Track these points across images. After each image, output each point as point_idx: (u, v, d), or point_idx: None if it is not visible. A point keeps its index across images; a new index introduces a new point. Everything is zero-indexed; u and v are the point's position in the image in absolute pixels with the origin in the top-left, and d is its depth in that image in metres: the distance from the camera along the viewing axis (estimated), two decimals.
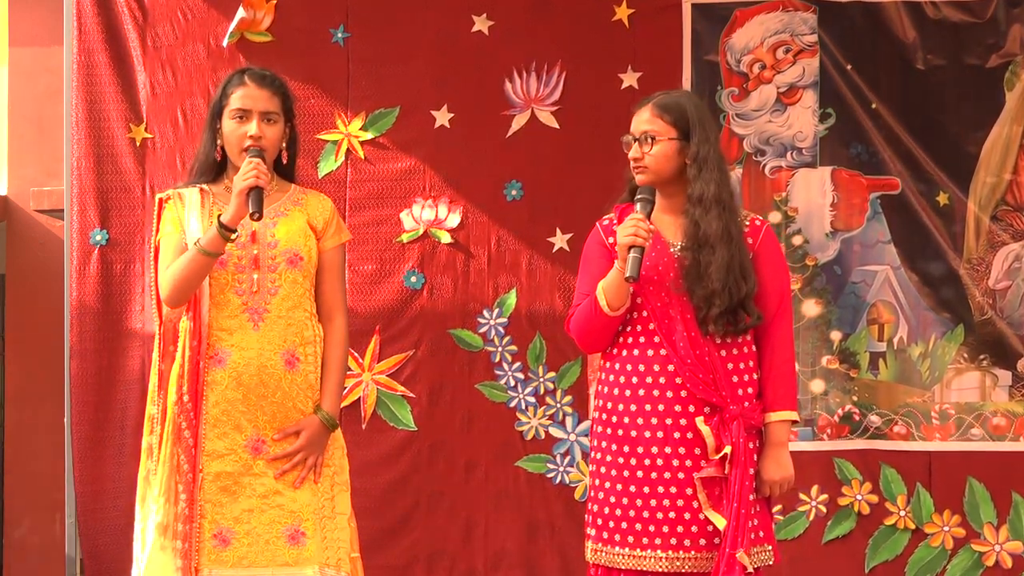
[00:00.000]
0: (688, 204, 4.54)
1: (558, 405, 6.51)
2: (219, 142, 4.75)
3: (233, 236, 4.60)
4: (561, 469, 6.49)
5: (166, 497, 4.61)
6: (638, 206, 4.50)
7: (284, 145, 4.80)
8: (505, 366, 6.53)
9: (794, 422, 4.62)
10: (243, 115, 4.70)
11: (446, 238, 6.54)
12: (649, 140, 4.56)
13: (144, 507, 4.71)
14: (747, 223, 4.63)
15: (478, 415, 6.53)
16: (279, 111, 4.76)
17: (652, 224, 4.48)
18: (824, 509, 6.41)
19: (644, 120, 4.60)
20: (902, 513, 6.39)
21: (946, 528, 6.36)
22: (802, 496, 6.36)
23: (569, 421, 6.51)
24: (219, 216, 4.59)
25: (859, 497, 6.41)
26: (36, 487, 7.96)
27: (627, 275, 4.40)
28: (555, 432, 6.50)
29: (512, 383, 6.52)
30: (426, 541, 6.47)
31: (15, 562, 8.10)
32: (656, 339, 4.54)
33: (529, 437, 6.51)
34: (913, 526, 6.38)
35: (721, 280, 4.45)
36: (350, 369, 6.41)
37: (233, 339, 4.66)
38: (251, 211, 4.51)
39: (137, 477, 4.76)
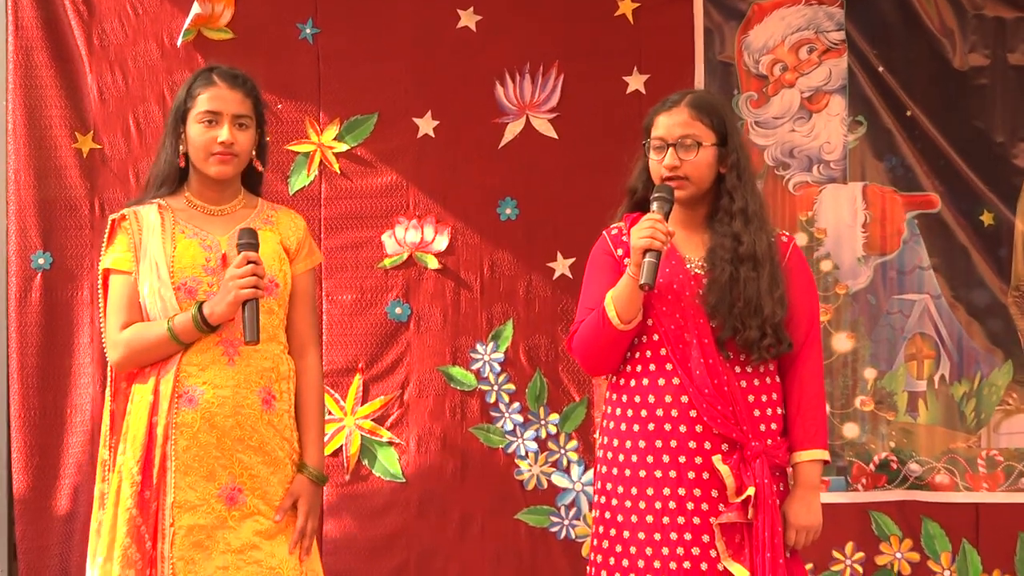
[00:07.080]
0: (724, 216, 4.41)
1: (562, 451, 6.29)
2: (183, 148, 4.57)
3: (210, 332, 4.48)
4: (566, 522, 6.26)
5: (117, 560, 4.39)
6: (655, 205, 4.33)
7: (254, 154, 4.64)
8: (502, 407, 6.29)
9: (825, 462, 4.46)
10: (213, 119, 4.53)
11: (433, 263, 6.32)
12: (695, 146, 4.38)
13: (94, 561, 4.51)
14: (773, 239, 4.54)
15: (472, 463, 6.29)
16: (251, 115, 4.60)
17: (670, 227, 4.34)
18: (860, 569, 6.24)
19: (680, 123, 4.40)
20: (947, 573, 6.23)
21: None
22: (835, 554, 6.17)
23: (574, 469, 6.27)
24: (201, 305, 4.44)
25: (899, 555, 6.25)
26: None
27: (641, 282, 4.21)
28: (558, 481, 6.27)
29: (510, 426, 6.30)
30: None
31: None
32: (668, 366, 4.37)
33: (530, 487, 6.28)
34: None
35: (768, 303, 4.32)
36: (331, 413, 6.26)
37: (205, 375, 4.46)
38: (246, 339, 4.40)
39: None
